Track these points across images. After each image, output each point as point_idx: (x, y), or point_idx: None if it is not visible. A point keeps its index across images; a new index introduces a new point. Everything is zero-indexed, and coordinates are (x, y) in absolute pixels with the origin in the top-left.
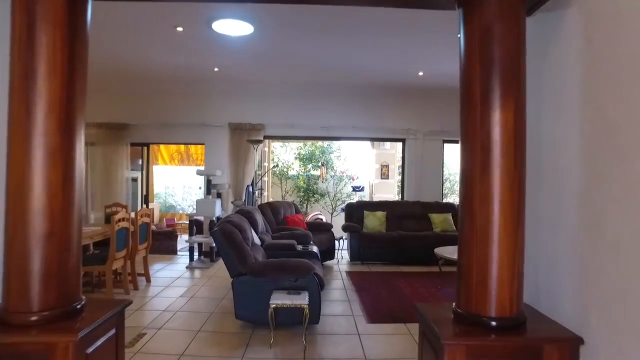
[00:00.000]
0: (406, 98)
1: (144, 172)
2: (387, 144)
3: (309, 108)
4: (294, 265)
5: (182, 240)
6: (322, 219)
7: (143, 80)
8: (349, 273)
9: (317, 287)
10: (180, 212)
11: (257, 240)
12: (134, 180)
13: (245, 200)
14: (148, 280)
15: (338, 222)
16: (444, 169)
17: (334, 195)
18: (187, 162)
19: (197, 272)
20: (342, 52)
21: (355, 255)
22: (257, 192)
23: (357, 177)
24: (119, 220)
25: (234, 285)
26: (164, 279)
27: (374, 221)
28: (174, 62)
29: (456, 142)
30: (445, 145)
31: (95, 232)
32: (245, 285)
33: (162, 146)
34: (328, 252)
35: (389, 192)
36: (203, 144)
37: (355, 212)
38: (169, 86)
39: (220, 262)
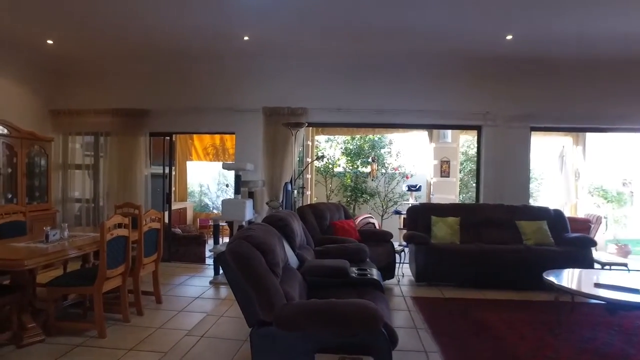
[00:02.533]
0: (485, 72)
1: (168, 167)
2: (449, 137)
3: (360, 88)
4: (351, 312)
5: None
6: (374, 224)
7: (163, 58)
8: (415, 300)
9: (387, 347)
10: (215, 212)
11: (293, 261)
12: (158, 176)
13: (282, 201)
14: (158, 300)
15: (389, 225)
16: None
17: (385, 196)
18: (222, 157)
19: (221, 290)
20: (403, 11)
21: (422, 274)
22: (297, 192)
23: (412, 175)
24: (115, 227)
25: (252, 339)
26: (179, 299)
27: (444, 229)
28: (196, 30)
29: (549, 130)
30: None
31: (86, 242)
32: (270, 340)
33: (195, 140)
34: (387, 269)
35: (450, 192)
36: (233, 132)
37: (420, 218)
38: (192, 64)
39: None
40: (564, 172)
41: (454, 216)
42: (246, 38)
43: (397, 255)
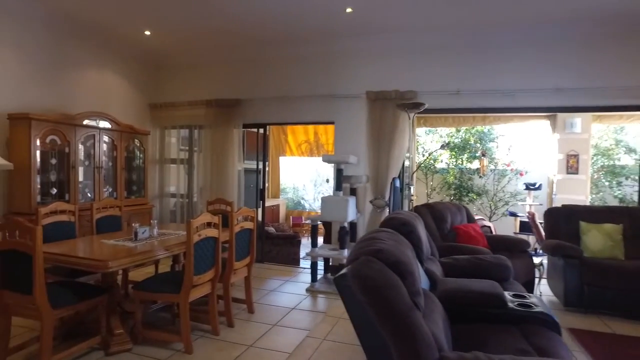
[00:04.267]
0: None
1: (262, 162)
2: (578, 126)
3: (483, 65)
4: None
5: (308, 244)
6: (489, 227)
7: (255, 45)
8: (575, 334)
9: None
10: (309, 210)
11: (423, 280)
12: (251, 171)
13: (390, 199)
14: (250, 310)
15: (501, 229)
16: None
17: (494, 195)
18: (316, 153)
19: (320, 302)
20: None
21: (574, 297)
22: (406, 189)
23: (526, 172)
24: (202, 227)
25: None
26: (273, 309)
27: (600, 240)
28: (293, 8)
29: None
30: None
31: (175, 241)
32: None
33: (289, 135)
34: (526, 286)
35: (578, 191)
36: (332, 122)
37: (562, 223)
38: (286, 49)
39: None
40: None
41: (613, 222)
42: (349, 10)
43: (536, 270)
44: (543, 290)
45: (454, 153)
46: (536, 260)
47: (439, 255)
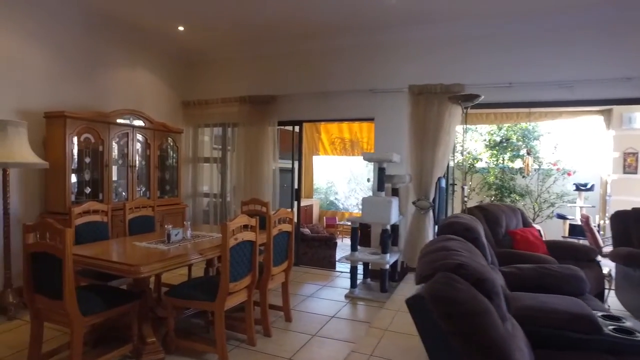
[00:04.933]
0: None
1: (297, 160)
2: (637, 120)
3: (537, 54)
4: None
5: (343, 246)
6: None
7: (289, 39)
8: None
9: None
10: (343, 210)
11: None
12: (284, 171)
13: (435, 199)
14: (288, 318)
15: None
16: None
17: (538, 196)
18: (351, 152)
19: (360, 310)
20: None
21: None
22: (450, 189)
23: (575, 172)
24: (238, 230)
25: None
26: (311, 316)
27: None
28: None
29: None
30: None
31: (209, 244)
32: None
33: (323, 133)
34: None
35: (638, 192)
36: (372, 119)
37: (634, 229)
38: (322, 42)
39: (399, 298)
40: None
41: None
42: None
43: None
44: (611, 303)
45: (495, 152)
46: (604, 269)
47: (500, 262)
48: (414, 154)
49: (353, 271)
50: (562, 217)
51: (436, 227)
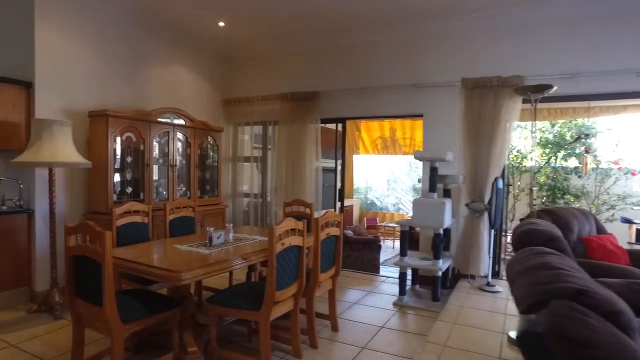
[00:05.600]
0: None
1: (341, 159)
2: None
3: (607, 40)
4: None
5: (385, 248)
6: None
7: (334, 30)
8: None
9: None
10: (383, 211)
11: None
12: (326, 170)
13: (492, 201)
14: (334, 327)
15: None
16: None
17: (596, 197)
18: (391, 150)
19: (411, 320)
20: None
21: None
22: (507, 190)
23: None
24: (285, 235)
25: None
26: (358, 326)
27: None
28: None
29: None
30: None
31: (253, 248)
32: None
33: (363, 132)
34: None
35: None
36: (421, 115)
37: None
38: (370, 34)
39: (454, 308)
40: None
41: None
42: None
43: None
44: None
45: (548, 150)
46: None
47: None
48: (467, 152)
49: (402, 277)
50: (628, 221)
51: (492, 231)
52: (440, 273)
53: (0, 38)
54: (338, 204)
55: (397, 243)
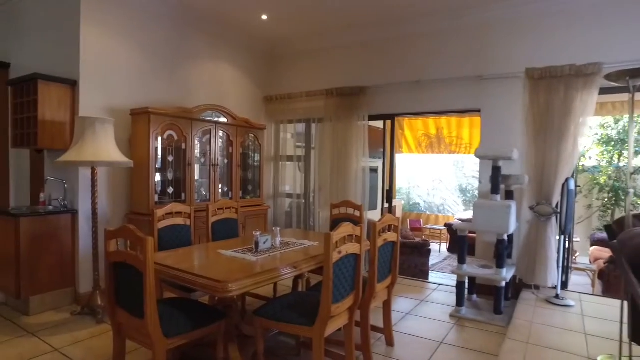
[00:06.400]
0: None
1: (389, 158)
2: None
3: None
4: None
5: (433, 253)
6: None
7: (381, 21)
8: None
9: None
10: (427, 212)
11: None
12: (372, 170)
13: (561, 204)
14: (390, 342)
15: None
16: None
17: None
18: (437, 149)
19: (472, 336)
20: None
21: None
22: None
23: None
24: (341, 242)
25: None
26: (415, 341)
27: None
28: None
29: None
30: None
31: (302, 256)
32: None
33: (406, 129)
34: None
35: None
36: (478, 110)
37: None
38: (421, 23)
39: (522, 324)
40: None
41: None
42: None
43: None
44: None
45: (609, 148)
46: None
47: None
48: (532, 150)
49: (460, 287)
50: None
51: (562, 237)
52: (504, 283)
53: (46, 37)
54: (386, 206)
55: (444, 247)
